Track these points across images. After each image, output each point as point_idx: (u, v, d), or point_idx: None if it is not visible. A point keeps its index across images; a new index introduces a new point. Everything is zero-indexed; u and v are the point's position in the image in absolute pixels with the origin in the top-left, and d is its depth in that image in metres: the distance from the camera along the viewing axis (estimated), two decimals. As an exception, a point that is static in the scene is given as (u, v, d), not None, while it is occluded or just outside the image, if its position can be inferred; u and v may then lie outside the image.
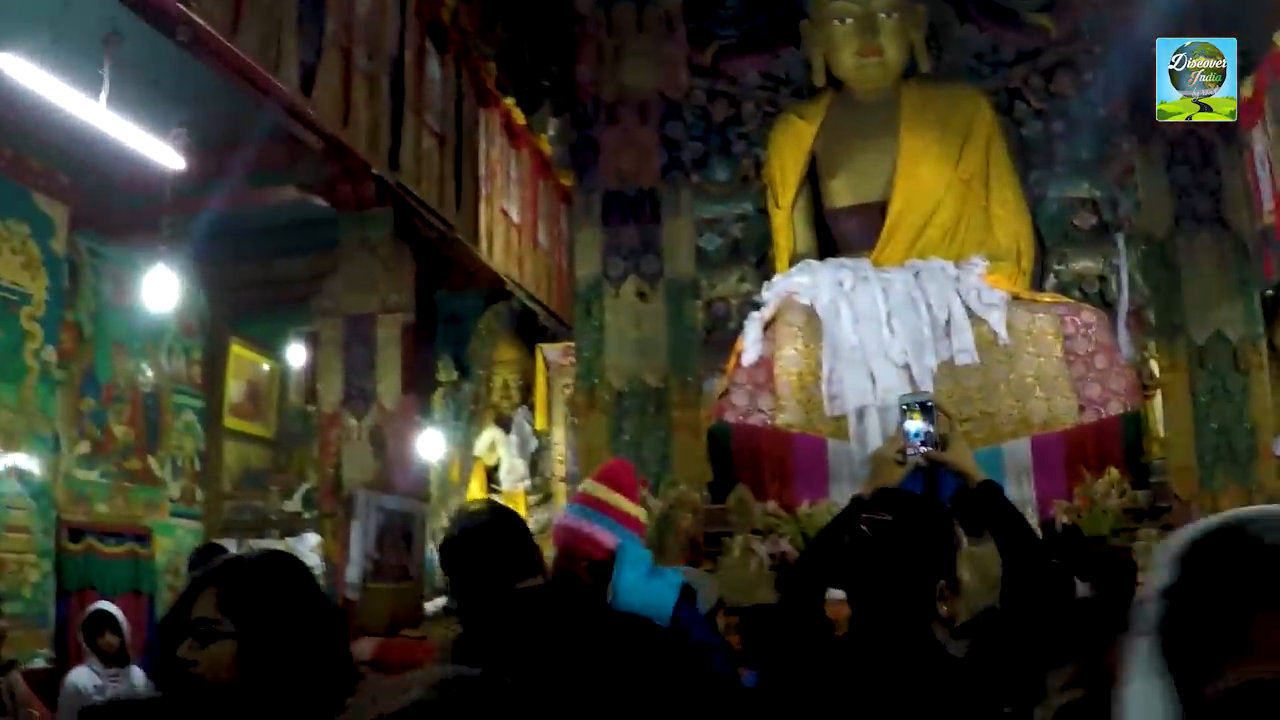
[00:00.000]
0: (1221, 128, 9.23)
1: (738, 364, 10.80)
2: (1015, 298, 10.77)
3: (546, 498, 11.75)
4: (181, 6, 5.54)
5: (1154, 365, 9.90)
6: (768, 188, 12.47)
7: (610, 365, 9.89)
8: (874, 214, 11.84)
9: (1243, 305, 9.27)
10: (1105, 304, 11.30)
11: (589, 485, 4.04)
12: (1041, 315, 10.52)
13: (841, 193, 12.09)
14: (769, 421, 10.38)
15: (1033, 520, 8.56)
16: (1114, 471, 9.11)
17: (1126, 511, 9.03)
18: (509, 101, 10.41)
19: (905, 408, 3.04)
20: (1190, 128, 9.16)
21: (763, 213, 12.61)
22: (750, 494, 9.50)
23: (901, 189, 11.76)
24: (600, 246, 10.12)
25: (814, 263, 11.54)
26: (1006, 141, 11.97)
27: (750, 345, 10.80)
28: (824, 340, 10.55)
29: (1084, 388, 10.10)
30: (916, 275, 10.95)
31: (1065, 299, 11.10)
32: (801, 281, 11.16)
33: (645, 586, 3.59)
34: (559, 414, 11.70)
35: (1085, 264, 11.88)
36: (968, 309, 10.56)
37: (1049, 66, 12.14)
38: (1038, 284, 11.65)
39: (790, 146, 12.26)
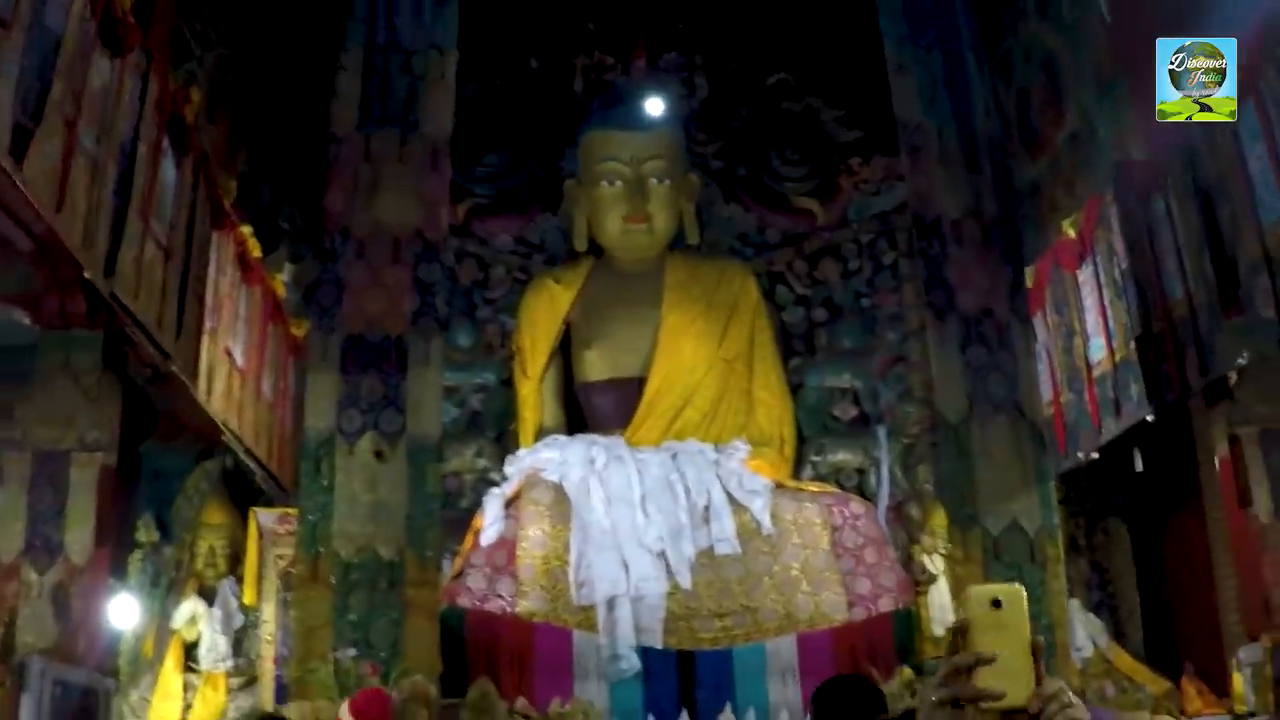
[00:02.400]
0: (1016, 308, 8.94)
1: (475, 543, 9.82)
2: (779, 485, 10.20)
3: (251, 681, 10.47)
4: None
5: (926, 560, 9.40)
6: (515, 356, 11.68)
7: (338, 532, 8.80)
8: (630, 390, 11.20)
9: (1039, 494, 8.88)
10: (865, 497, 10.76)
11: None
12: (808, 505, 9.95)
13: (596, 365, 11.41)
14: (509, 609, 9.42)
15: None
16: (907, 671, 8.49)
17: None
18: (246, 230, 9.33)
19: None
20: (986, 308, 8.83)
21: (505, 385, 11.80)
22: (494, 689, 8.46)
23: (661, 365, 11.17)
24: (336, 396, 9.07)
25: (563, 438, 10.78)
26: (771, 324, 11.48)
27: (490, 523, 9.84)
28: (573, 522, 9.73)
29: (853, 583, 9.52)
30: (674, 457, 10.33)
31: (832, 489, 10.57)
32: (550, 457, 10.36)
33: None
34: (270, 588, 10.49)
35: (844, 456, 11.40)
36: (729, 495, 9.95)
37: (814, 252, 11.83)
38: (795, 474, 11.10)
39: (544, 313, 11.55)
